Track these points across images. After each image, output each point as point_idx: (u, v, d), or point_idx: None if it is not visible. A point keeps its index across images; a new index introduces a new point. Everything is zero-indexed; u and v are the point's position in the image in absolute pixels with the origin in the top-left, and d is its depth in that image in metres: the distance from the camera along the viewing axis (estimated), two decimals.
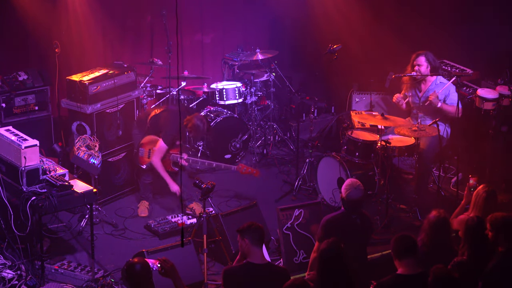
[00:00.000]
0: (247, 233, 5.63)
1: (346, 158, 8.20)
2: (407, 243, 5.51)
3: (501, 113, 8.60)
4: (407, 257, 5.44)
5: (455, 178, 8.53)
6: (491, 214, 5.94)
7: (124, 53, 9.89)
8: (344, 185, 6.51)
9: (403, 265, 5.45)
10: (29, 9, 8.92)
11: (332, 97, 10.80)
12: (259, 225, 5.72)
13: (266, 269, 5.63)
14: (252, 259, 5.62)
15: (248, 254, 5.64)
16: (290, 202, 8.47)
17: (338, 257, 5.37)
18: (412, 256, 5.45)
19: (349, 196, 6.43)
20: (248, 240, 5.61)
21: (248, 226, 5.69)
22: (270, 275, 5.59)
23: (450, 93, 8.34)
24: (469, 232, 5.81)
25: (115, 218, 8.11)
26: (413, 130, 7.79)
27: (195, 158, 7.99)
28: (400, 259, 5.47)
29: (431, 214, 6.19)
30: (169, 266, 5.40)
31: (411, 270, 5.42)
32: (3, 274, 6.67)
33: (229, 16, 10.93)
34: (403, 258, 5.46)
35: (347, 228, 6.34)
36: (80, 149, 7.55)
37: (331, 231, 6.24)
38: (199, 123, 7.96)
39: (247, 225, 5.70)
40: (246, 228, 5.67)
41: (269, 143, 9.98)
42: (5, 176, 6.74)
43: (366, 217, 6.52)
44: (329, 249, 5.41)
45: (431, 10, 10.12)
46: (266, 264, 5.67)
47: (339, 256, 5.38)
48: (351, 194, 6.42)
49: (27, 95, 8.73)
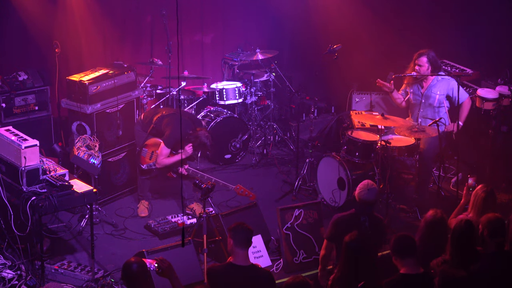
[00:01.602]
0: (233, 234, 5.59)
1: (346, 158, 8.20)
2: (408, 242, 5.55)
3: (501, 113, 8.61)
4: (408, 256, 5.48)
5: (455, 178, 8.53)
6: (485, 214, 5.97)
7: (124, 53, 9.89)
8: (360, 184, 6.51)
9: (405, 265, 5.49)
10: (29, 9, 8.92)
11: (332, 97, 10.80)
12: (248, 227, 5.64)
13: (248, 271, 5.56)
14: (235, 260, 5.56)
15: (232, 254, 5.61)
16: (290, 202, 8.47)
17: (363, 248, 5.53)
18: (413, 255, 5.49)
19: (360, 196, 6.44)
20: (232, 241, 5.57)
21: (235, 226, 5.63)
22: (252, 278, 5.54)
23: (455, 91, 8.28)
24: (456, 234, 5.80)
25: (115, 218, 8.11)
26: (413, 131, 7.79)
27: (195, 170, 8.00)
28: (401, 259, 5.50)
29: (428, 214, 6.22)
30: (166, 265, 5.40)
31: (414, 269, 5.47)
32: (3, 274, 6.67)
33: (229, 16, 10.93)
34: (404, 257, 5.49)
35: (354, 229, 6.31)
36: (80, 149, 7.55)
37: (340, 229, 6.27)
38: (206, 141, 7.94)
39: (235, 224, 5.65)
40: (233, 228, 5.62)
41: (269, 143, 9.98)
42: (5, 176, 6.74)
43: (378, 221, 6.47)
44: (355, 240, 5.53)
45: (431, 10, 10.13)
46: (249, 266, 5.59)
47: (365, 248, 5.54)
48: (363, 195, 6.42)
49: (27, 95, 8.73)
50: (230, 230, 5.63)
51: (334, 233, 6.38)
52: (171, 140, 7.92)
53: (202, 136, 7.93)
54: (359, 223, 6.34)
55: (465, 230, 5.72)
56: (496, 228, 5.71)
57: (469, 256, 5.65)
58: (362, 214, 6.39)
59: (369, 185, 6.44)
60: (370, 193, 6.40)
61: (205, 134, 7.96)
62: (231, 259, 5.58)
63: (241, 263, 5.55)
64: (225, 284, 5.50)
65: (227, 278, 5.51)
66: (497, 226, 5.72)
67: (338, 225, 6.39)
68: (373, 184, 6.48)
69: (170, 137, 7.92)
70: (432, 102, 8.40)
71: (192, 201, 8.20)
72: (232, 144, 9.56)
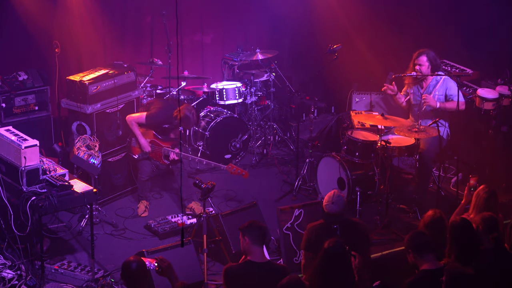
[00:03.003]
0: (248, 232, 5.65)
1: (346, 158, 8.20)
2: (423, 238, 5.58)
3: (501, 113, 8.61)
4: (427, 252, 5.50)
5: (455, 178, 8.53)
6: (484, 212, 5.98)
7: (124, 53, 9.88)
8: (326, 196, 6.49)
9: (425, 261, 5.49)
10: (29, 9, 8.92)
11: (332, 97, 10.80)
12: (261, 224, 5.75)
13: (267, 267, 5.65)
14: (252, 257, 5.64)
15: (248, 253, 5.67)
16: (290, 202, 8.47)
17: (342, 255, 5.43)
18: (431, 250, 5.51)
19: (326, 208, 6.43)
20: (248, 239, 5.64)
21: (249, 224, 5.71)
22: (270, 273, 5.60)
23: (449, 87, 8.31)
24: (454, 233, 5.80)
25: (115, 218, 8.11)
26: (413, 131, 7.79)
27: (186, 154, 8.00)
28: (421, 256, 5.51)
29: (427, 214, 6.23)
30: (166, 265, 5.41)
31: (435, 264, 5.49)
32: (3, 274, 6.67)
33: (229, 16, 10.92)
34: (423, 254, 5.50)
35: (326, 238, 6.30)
36: (80, 149, 7.55)
37: (311, 239, 6.30)
38: (188, 114, 7.99)
39: (248, 223, 5.72)
40: (247, 227, 5.69)
41: (269, 143, 9.98)
42: (5, 176, 6.74)
43: (352, 225, 6.41)
44: (333, 246, 5.42)
45: (431, 10, 10.13)
46: (267, 263, 5.69)
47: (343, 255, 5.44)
48: (328, 208, 6.41)
49: (27, 95, 8.73)
50: (243, 229, 5.69)
51: (307, 242, 6.38)
52: (152, 116, 8.05)
53: (185, 109, 8.01)
54: (330, 231, 6.30)
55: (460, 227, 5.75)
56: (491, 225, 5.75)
57: (467, 253, 5.64)
58: (333, 223, 6.37)
59: (334, 197, 6.38)
60: (335, 205, 6.36)
61: (188, 107, 8.04)
62: (248, 257, 5.64)
63: (259, 260, 5.62)
64: (244, 282, 5.55)
65: (246, 276, 5.56)
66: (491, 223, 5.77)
67: (309, 235, 6.39)
68: (339, 195, 6.41)
69: (152, 114, 8.06)
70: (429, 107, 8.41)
71: (190, 200, 8.20)
72: (232, 144, 9.56)
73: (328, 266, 5.39)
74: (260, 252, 5.67)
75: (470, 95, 8.95)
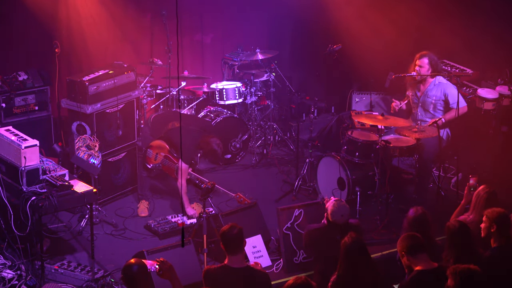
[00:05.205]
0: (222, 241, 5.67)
1: (346, 158, 8.20)
2: (415, 240, 5.59)
3: (501, 113, 8.61)
4: (420, 253, 5.52)
5: (455, 178, 8.53)
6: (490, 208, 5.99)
7: (124, 53, 9.88)
8: (332, 206, 6.53)
9: (419, 261, 5.51)
10: (29, 9, 8.92)
11: (332, 97, 10.80)
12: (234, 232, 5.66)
13: (244, 273, 5.61)
14: (229, 262, 5.64)
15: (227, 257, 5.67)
16: (290, 202, 8.46)
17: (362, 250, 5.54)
18: (424, 251, 5.53)
19: (333, 217, 6.50)
20: (224, 248, 5.66)
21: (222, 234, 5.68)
22: (247, 279, 5.58)
23: (449, 96, 8.30)
24: (452, 236, 5.81)
25: (115, 218, 8.11)
26: (413, 131, 7.79)
27: (196, 175, 8.10)
28: (414, 257, 5.53)
29: (409, 212, 6.26)
30: (167, 267, 5.40)
31: (428, 265, 5.51)
32: (3, 274, 6.68)
33: (229, 16, 10.92)
34: (416, 255, 5.52)
35: (326, 241, 6.41)
36: (80, 149, 7.55)
37: (312, 241, 6.43)
38: (217, 149, 8.15)
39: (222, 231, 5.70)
40: (221, 235, 5.70)
41: (269, 143, 9.98)
42: (5, 176, 6.74)
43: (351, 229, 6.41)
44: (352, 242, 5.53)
45: (431, 10, 10.12)
46: (245, 268, 5.65)
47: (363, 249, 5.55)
48: (336, 218, 6.48)
49: (27, 95, 8.73)
50: (220, 236, 5.70)
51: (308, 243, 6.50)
52: (188, 158, 8.07)
53: (213, 143, 8.11)
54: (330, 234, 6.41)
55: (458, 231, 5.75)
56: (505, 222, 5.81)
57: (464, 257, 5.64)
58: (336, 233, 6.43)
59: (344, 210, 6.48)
60: (343, 218, 6.48)
61: (216, 142, 8.11)
62: (226, 261, 5.63)
63: (236, 265, 5.61)
64: (222, 285, 5.52)
65: (223, 279, 5.54)
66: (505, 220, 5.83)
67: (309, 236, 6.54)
68: (345, 206, 6.53)
69: (186, 154, 8.05)
70: (428, 106, 8.42)
71: (192, 201, 8.20)
72: (232, 144, 9.56)
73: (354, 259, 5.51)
74: (237, 259, 5.64)
75: (470, 95, 8.95)
